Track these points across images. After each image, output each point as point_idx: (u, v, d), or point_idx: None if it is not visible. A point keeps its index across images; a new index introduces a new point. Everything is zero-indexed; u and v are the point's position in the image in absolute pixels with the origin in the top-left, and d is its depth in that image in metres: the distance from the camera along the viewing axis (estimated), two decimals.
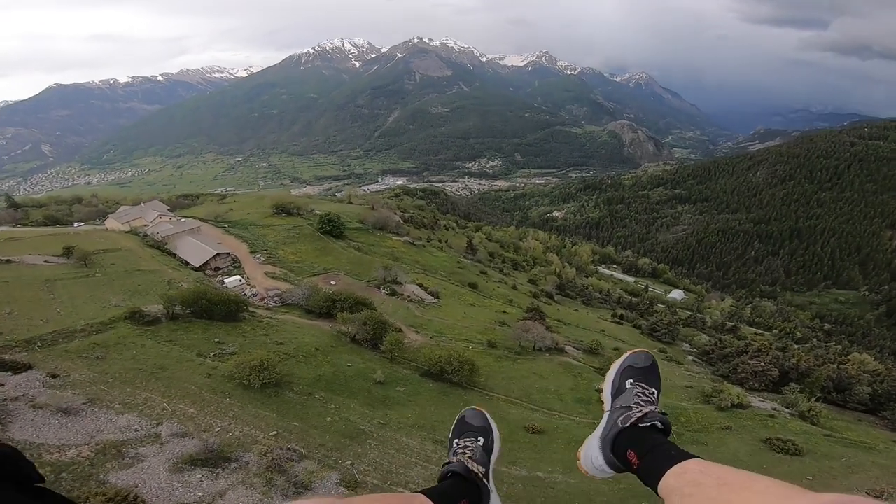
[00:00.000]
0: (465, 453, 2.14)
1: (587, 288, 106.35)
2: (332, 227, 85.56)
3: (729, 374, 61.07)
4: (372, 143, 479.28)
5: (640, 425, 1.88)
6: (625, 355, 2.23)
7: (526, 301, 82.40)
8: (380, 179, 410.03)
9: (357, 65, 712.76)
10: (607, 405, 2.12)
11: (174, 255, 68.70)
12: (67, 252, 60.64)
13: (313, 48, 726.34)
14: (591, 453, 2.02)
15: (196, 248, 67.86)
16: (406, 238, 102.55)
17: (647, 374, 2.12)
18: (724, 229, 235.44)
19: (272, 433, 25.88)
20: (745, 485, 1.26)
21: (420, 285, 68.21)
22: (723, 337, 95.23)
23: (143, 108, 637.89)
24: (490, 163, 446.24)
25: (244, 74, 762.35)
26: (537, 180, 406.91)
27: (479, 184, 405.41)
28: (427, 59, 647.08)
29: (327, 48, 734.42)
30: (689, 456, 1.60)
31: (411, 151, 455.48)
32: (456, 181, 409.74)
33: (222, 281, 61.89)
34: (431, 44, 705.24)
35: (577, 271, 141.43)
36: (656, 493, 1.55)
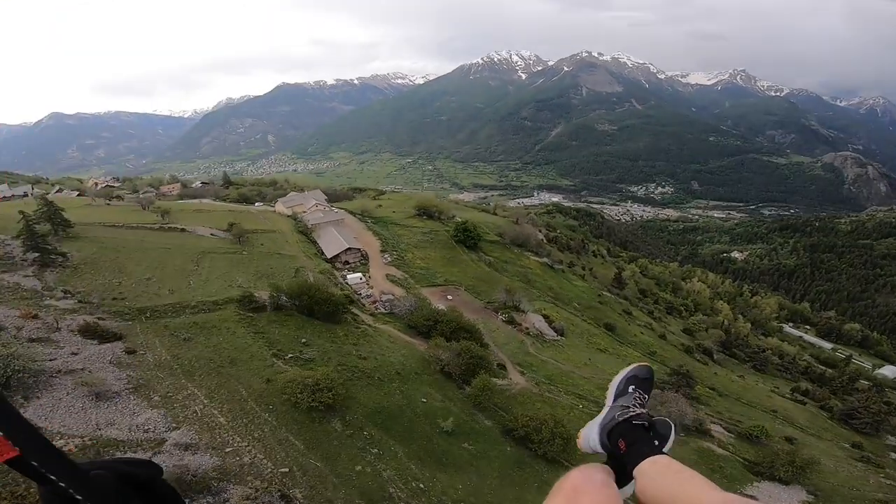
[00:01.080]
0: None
1: (763, 351, 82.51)
2: (466, 237, 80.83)
3: None
4: (532, 157, 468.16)
5: (634, 422, 2.29)
6: (631, 366, 2.65)
7: (675, 356, 66.53)
8: (535, 194, 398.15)
9: (523, 77, 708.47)
10: (609, 401, 2.55)
11: (315, 243, 71.04)
12: (230, 228, 66.29)
13: (482, 59, 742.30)
14: (591, 435, 2.41)
15: (333, 240, 69.07)
16: (545, 259, 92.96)
17: (645, 384, 2.58)
18: None
19: (283, 469, 20.73)
20: (690, 478, 1.72)
21: (545, 316, 58.75)
22: None
23: (341, 108, 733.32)
24: (660, 188, 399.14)
25: (421, 81, 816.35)
26: (716, 214, 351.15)
27: (644, 210, 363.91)
28: (595, 74, 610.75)
29: (495, 59, 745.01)
30: (663, 452, 2.05)
31: (571, 168, 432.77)
32: (617, 205, 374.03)
33: (345, 276, 61.16)
34: (601, 58, 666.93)
35: (753, 326, 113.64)
36: (631, 474, 1.97)
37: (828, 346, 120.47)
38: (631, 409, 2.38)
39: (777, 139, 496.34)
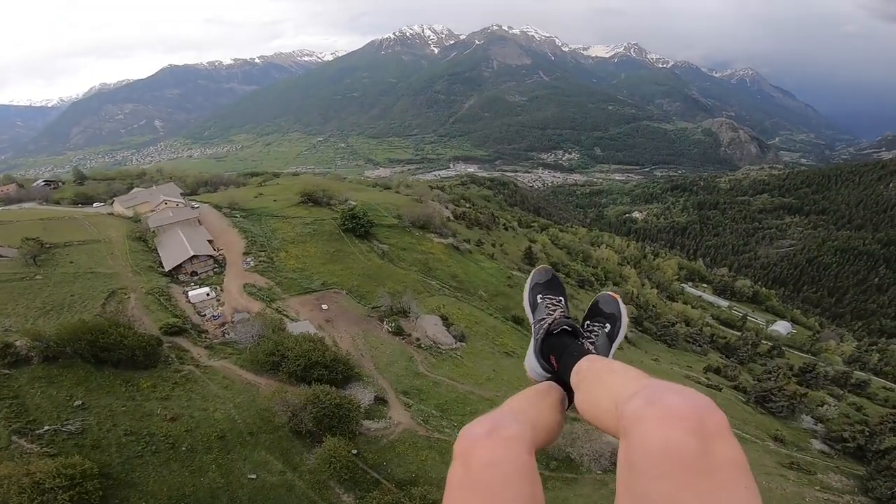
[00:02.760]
0: (593, 333, 2.26)
1: (672, 325, 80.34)
2: (355, 225, 68.79)
3: None
4: (446, 129, 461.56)
5: (554, 332, 2.15)
6: (531, 274, 2.55)
7: None
8: (451, 166, 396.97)
9: (436, 51, 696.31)
10: (531, 320, 2.38)
11: (156, 252, 55.47)
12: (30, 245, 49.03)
13: (394, 34, 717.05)
14: (532, 363, 2.25)
15: (177, 246, 53.96)
16: (451, 240, 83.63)
17: (550, 285, 2.45)
18: (843, 248, 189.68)
19: None
20: (607, 376, 1.56)
21: (443, 318, 49.14)
22: (852, 400, 67.61)
23: (241, 89, 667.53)
24: (567, 155, 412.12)
25: (330, 58, 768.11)
26: (617, 177, 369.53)
27: (554, 176, 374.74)
28: (506, 47, 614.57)
29: (407, 34, 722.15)
30: (585, 354, 1.89)
31: (485, 139, 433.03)
32: (529, 172, 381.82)
33: (188, 293, 47.14)
34: (511, 31, 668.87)
35: (659, 291, 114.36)
36: (572, 387, 1.80)
37: (724, 303, 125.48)
38: (545, 320, 2.21)
39: (665, 107, 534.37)
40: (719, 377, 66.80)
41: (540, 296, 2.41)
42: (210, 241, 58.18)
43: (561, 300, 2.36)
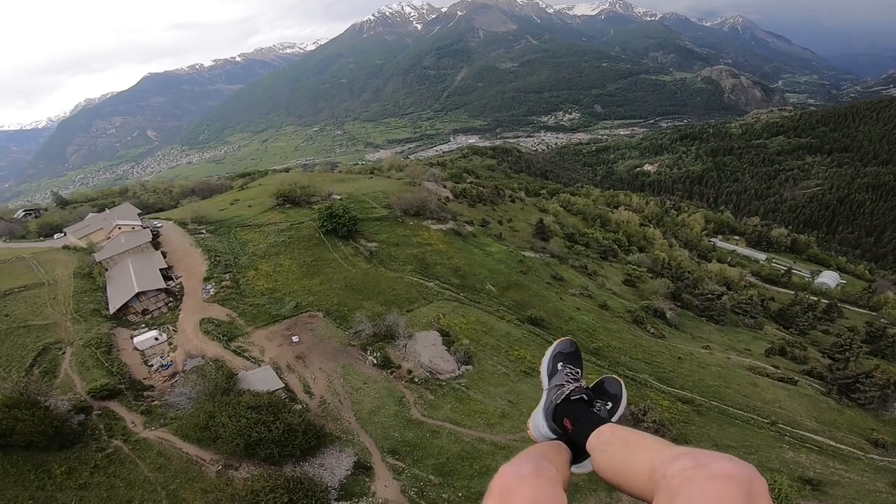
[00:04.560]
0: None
1: (718, 298, 68.97)
2: (336, 225, 59.55)
3: None
4: (441, 104, 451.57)
5: (572, 398, 2.28)
6: (555, 343, 2.64)
7: (624, 339, 51.15)
8: (452, 139, 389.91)
9: (419, 27, 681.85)
10: (545, 384, 2.50)
11: (105, 290, 47.20)
12: None
13: (373, 15, 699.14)
14: (538, 423, 2.35)
15: (124, 282, 45.48)
16: (450, 224, 73.98)
17: (572, 357, 2.57)
18: (874, 185, 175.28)
19: None
20: (637, 441, 1.63)
21: (442, 332, 40.08)
22: None
23: (227, 89, 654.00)
24: (567, 115, 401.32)
25: (313, 48, 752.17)
26: (622, 132, 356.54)
27: (557, 138, 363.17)
28: (489, 15, 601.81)
29: (387, 13, 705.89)
30: (605, 422, 1.98)
31: (482, 109, 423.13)
32: (531, 136, 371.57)
33: (134, 338, 38.88)
34: None
35: (689, 249, 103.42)
36: (586, 451, 1.88)
37: (762, 256, 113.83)
38: (565, 387, 2.33)
39: (659, 59, 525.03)
40: (786, 360, 56.63)
41: (561, 363, 2.51)
42: (166, 269, 49.61)
43: (579, 372, 2.49)
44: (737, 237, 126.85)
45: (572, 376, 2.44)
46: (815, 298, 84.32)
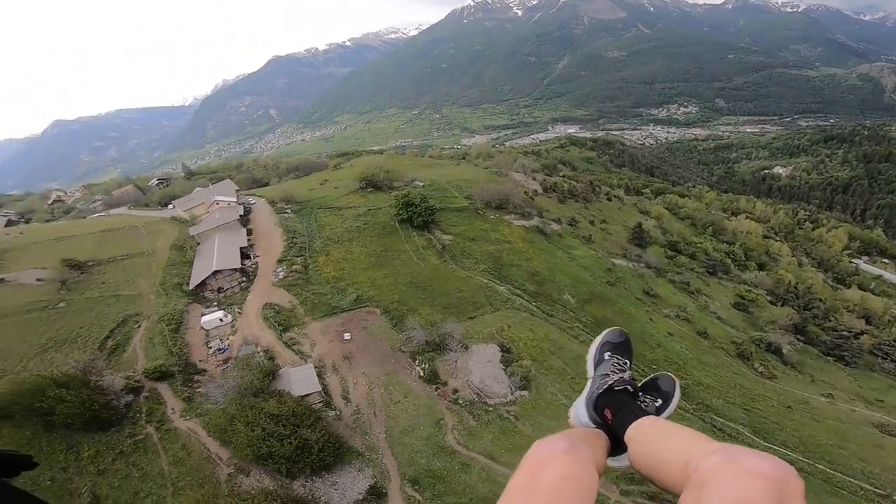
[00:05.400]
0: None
1: (855, 336, 54.94)
2: (411, 214, 57.08)
3: None
4: (541, 91, 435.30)
5: (616, 388, 2.23)
6: (603, 333, 2.58)
7: (724, 377, 42.31)
8: (550, 128, 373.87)
9: (519, 13, 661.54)
10: (590, 373, 2.46)
11: (192, 264, 49.62)
12: (72, 265, 46.14)
13: (473, 1, 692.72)
14: (579, 411, 2.33)
15: (206, 259, 47.23)
16: (535, 221, 68.15)
17: (621, 347, 2.51)
18: None
19: None
20: (676, 433, 1.61)
21: (503, 348, 35.50)
22: None
23: (339, 72, 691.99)
24: (682, 109, 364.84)
25: (415, 33, 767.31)
26: (748, 129, 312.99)
27: (668, 132, 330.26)
28: (595, 2, 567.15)
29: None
30: (646, 414, 1.97)
31: (584, 98, 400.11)
32: (637, 129, 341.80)
33: (203, 317, 39.78)
34: None
35: (824, 270, 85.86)
36: (623, 441, 1.87)
37: None
38: (610, 377, 2.28)
39: (802, 53, 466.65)
40: None
41: (608, 353, 2.44)
42: (247, 248, 50.86)
43: (627, 363, 2.40)
44: (886, 260, 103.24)
45: (619, 367, 2.34)
46: None
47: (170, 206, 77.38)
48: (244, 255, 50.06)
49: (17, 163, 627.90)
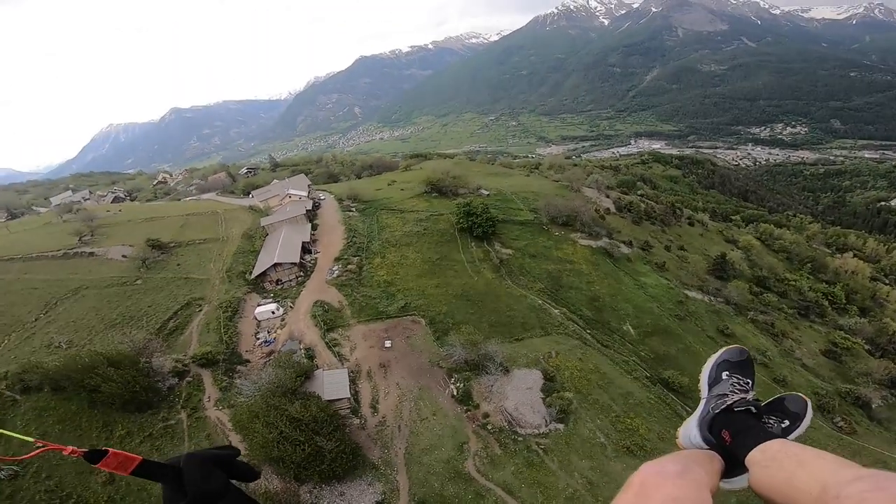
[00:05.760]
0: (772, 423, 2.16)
1: None
2: (471, 224, 55.78)
3: None
4: (625, 104, 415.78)
5: (736, 409, 2.08)
6: (721, 350, 2.38)
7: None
8: (632, 142, 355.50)
9: (605, 22, 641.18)
10: (704, 393, 2.30)
11: (258, 255, 52.05)
12: (155, 245, 50.41)
13: (557, 8, 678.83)
14: (690, 432, 2.18)
15: (270, 250, 49.27)
16: (603, 242, 64.12)
17: (742, 367, 2.30)
18: None
19: None
20: (812, 458, 1.45)
21: (546, 376, 32.95)
22: None
23: (420, 74, 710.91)
24: (789, 129, 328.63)
25: (496, 38, 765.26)
26: (867, 154, 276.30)
27: (770, 153, 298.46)
28: (692, 13, 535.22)
29: (571, 7, 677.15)
30: (775, 436, 1.79)
31: (673, 113, 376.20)
32: (734, 149, 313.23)
33: (258, 307, 41.25)
34: None
35: None
36: (743, 465, 1.73)
37: None
38: (729, 397, 2.14)
39: None
40: None
41: (727, 373, 2.26)
42: (309, 243, 52.41)
43: (749, 383, 2.21)
44: None
45: (740, 387, 2.17)
46: None
47: (251, 196, 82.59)
48: (306, 249, 51.64)
49: (137, 144, 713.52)
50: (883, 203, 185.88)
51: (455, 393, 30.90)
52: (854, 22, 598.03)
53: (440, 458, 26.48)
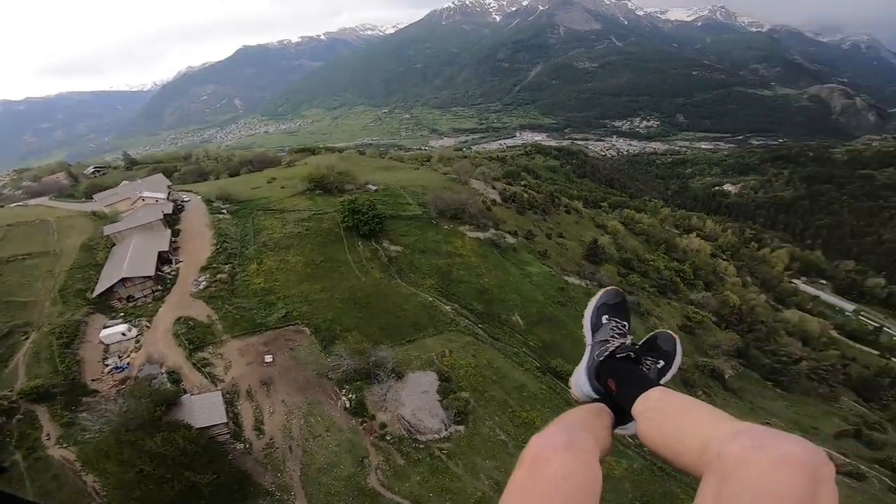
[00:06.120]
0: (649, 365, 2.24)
1: (795, 362, 55.80)
2: (357, 222, 53.43)
3: None
4: (512, 98, 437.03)
5: (618, 356, 2.13)
6: (599, 293, 2.42)
7: None
8: (517, 134, 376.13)
9: (497, 19, 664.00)
10: (588, 339, 2.33)
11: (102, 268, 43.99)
12: None
13: (454, 3, 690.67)
14: (580, 381, 2.22)
15: (117, 264, 41.91)
16: (490, 233, 65.80)
17: (618, 309, 2.34)
18: None
19: None
20: (690, 410, 1.52)
21: (441, 377, 32.67)
22: None
23: (310, 65, 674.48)
24: (645, 122, 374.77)
25: (392, 31, 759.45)
26: (703, 145, 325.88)
27: (630, 145, 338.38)
28: (572, 12, 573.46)
29: (467, 2, 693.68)
30: (654, 384, 1.82)
31: (553, 107, 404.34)
32: (601, 140, 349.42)
33: (103, 330, 34.77)
34: None
35: (766, 290, 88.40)
36: (631, 414, 1.77)
37: (850, 307, 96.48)
38: (610, 343, 2.18)
39: (761, 72, 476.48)
40: (858, 442, 44.66)
41: (606, 317, 2.29)
42: (168, 252, 45.70)
43: (626, 325, 2.27)
44: (823, 281, 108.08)
45: (618, 331, 2.20)
46: None
47: (93, 200, 70.24)
48: (164, 259, 45.01)
49: None
50: (717, 188, 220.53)
51: (348, 405, 28.98)
52: (699, 24, 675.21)
53: (340, 476, 24.59)
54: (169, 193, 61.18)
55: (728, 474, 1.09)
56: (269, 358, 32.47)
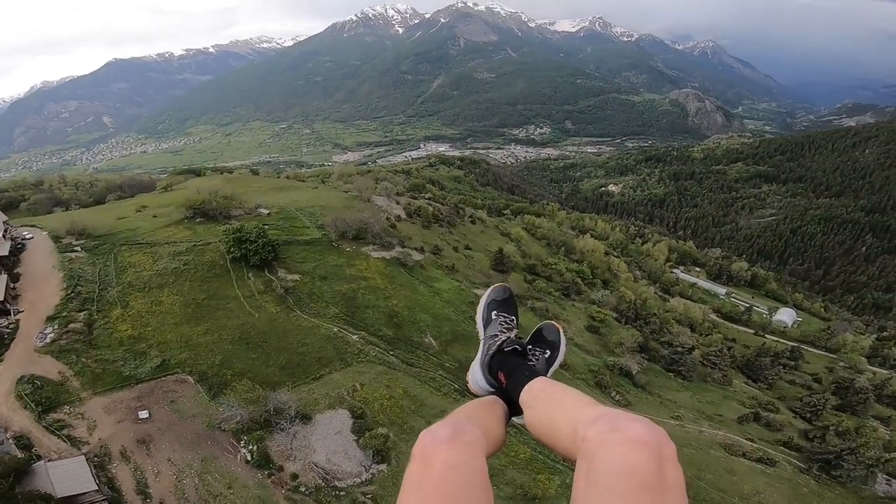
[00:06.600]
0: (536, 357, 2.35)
1: (689, 351, 61.25)
2: (245, 252, 48.20)
3: None
4: (415, 110, 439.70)
5: (506, 349, 2.24)
6: (489, 290, 2.59)
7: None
8: (422, 146, 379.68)
9: (400, 31, 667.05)
10: (481, 334, 2.47)
11: None
12: None
13: (356, 15, 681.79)
14: (476, 376, 2.32)
15: None
16: (396, 252, 63.67)
17: (506, 304, 2.51)
18: (826, 217, 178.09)
19: None
20: (563, 398, 1.63)
21: (355, 414, 29.82)
22: None
23: (196, 80, 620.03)
24: (538, 130, 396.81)
25: (290, 43, 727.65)
26: (589, 149, 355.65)
27: (527, 151, 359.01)
28: (472, 24, 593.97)
29: (370, 15, 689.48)
30: (536, 375, 1.94)
31: (455, 118, 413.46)
32: (501, 148, 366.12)
33: None
34: (476, 8, 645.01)
35: (653, 282, 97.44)
36: (519, 405, 1.87)
37: (721, 290, 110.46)
38: (499, 337, 2.28)
39: (631, 79, 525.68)
40: (760, 427, 49.80)
41: (495, 312, 2.44)
42: (7, 301, 37.02)
43: (514, 320, 2.43)
44: (698, 269, 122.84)
45: (506, 325, 2.34)
46: (776, 340, 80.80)
47: None
48: (1, 311, 36.45)
49: None
50: (602, 189, 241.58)
51: (249, 457, 24.91)
52: (582, 34, 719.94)
53: None
54: (6, 231, 50.40)
55: (591, 456, 1.20)
56: (143, 414, 27.08)
